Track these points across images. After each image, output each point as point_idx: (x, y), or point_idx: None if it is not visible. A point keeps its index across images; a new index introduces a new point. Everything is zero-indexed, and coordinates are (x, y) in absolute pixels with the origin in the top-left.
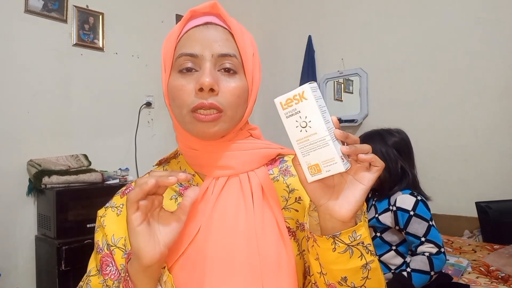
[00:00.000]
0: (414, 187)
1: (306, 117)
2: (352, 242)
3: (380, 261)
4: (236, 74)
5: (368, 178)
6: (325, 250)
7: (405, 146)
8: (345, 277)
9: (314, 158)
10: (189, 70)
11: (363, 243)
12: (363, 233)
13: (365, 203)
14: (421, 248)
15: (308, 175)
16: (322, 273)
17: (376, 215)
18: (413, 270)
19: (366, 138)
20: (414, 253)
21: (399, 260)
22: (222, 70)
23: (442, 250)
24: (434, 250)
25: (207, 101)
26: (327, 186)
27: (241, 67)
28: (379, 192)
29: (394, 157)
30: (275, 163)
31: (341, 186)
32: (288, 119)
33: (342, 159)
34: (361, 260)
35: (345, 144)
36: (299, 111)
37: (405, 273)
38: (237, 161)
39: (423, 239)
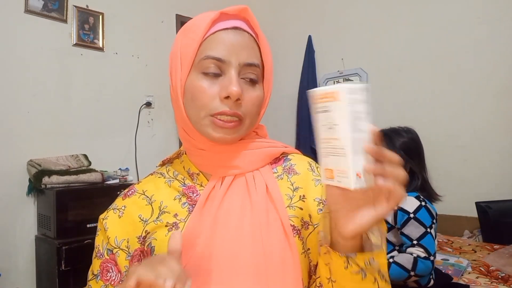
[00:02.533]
0: (422, 190)
1: (334, 118)
2: (366, 267)
3: None
4: (256, 83)
5: (382, 206)
6: (338, 265)
7: (414, 146)
8: None
9: (330, 162)
10: (212, 72)
11: (379, 271)
12: (381, 261)
13: (385, 225)
14: (410, 250)
15: (323, 175)
16: (331, 280)
17: None
18: (394, 262)
19: None
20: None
21: None
22: (245, 78)
23: (431, 258)
24: (422, 255)
25: (231, 110)
26: (345, 195)
27: (261, 76)
28: None
29: (402, 160)
30: (279, 162)
31: (358, 202)
32: (317, 115)
33: (359, 175)
34: (373, 284)
35: (371, 160)
36: (329, 111)
37: None
38: (244, 161)
39: (415, 242)
